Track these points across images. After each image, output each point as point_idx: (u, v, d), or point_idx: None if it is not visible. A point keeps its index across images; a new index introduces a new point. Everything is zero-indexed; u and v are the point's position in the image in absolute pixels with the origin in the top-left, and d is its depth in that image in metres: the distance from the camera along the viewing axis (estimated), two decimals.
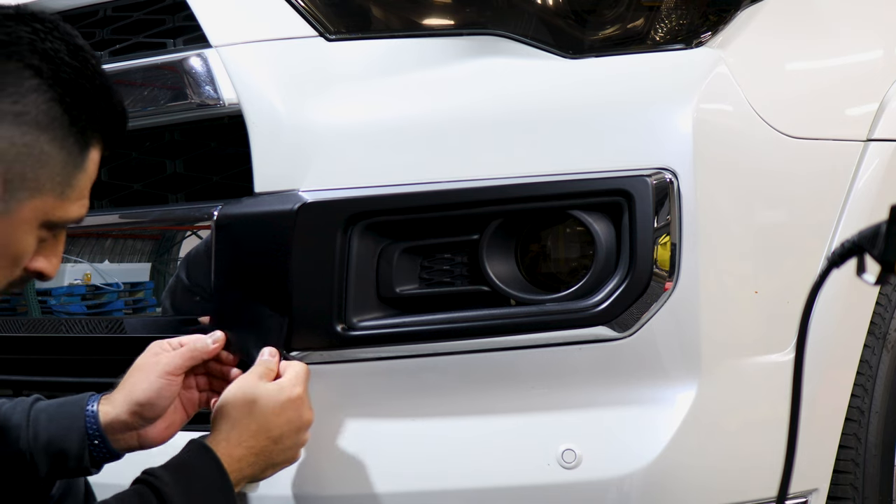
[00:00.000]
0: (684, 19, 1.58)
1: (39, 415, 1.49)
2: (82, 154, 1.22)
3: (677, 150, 1.45)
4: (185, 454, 1.37)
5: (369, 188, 1.48)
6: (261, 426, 1.39)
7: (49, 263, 1.24)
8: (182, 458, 1.36)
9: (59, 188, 1.19)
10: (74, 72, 1.19)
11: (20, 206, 1.16)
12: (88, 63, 1.21)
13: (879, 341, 1.72)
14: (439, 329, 1.48)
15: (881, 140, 1.70)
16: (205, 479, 1.34)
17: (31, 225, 1.19)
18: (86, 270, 1.73)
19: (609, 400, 1.48)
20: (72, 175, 1.21)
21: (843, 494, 1.67)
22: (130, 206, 1.73)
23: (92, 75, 1.21)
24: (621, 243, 1.46)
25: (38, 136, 1.16)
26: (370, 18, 1.63)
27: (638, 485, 1.45)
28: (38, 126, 1.16)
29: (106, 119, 1.24)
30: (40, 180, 1.17)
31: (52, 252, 1.24)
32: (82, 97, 1.20)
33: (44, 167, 1.17)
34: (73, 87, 1.19)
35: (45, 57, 1.17)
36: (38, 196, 1.17)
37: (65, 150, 1.19)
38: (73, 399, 1.51)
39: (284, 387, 1.42)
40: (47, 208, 1.19)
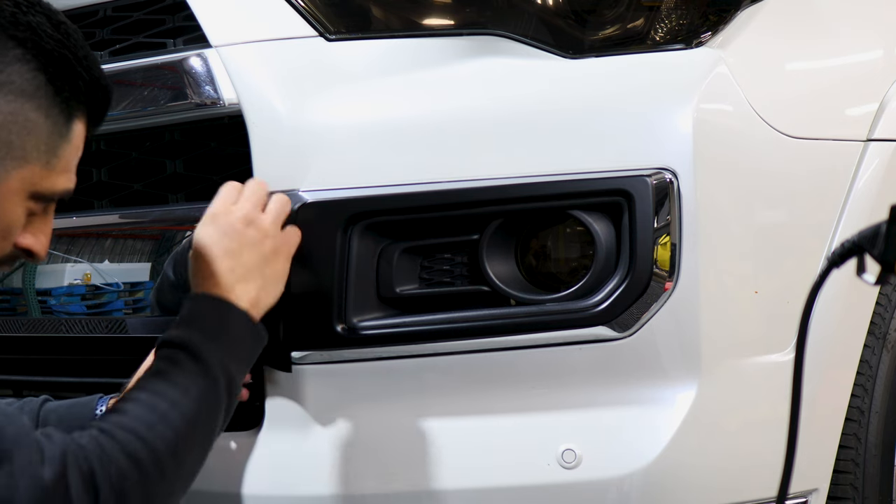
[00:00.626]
0: (684, 19, 1.58)
1: (49, 416, 1.49)
2: (67, 125, 1.22)
3: (677, 149, 1.45)
4: (186, 308, 1.36)
5: (369, 188, 1.48)
6: (210, 255, 1.38)
7: (38, 241, 1.24)
8: (187, 311, 1.36)
9: (45, 157, 1.20)
10: (57, 43, 1.19)
11: (7, 176, 1.17)
12: (70, 36, 1.22)
13: (879, 341, 1.72)
14: (439, 329, 1.48)
15: (881, 140, 1.70)
16: (222, 320, 1.34)
17: (20, 196, 1.19)
18: (86, 270, 1.73)
19: (609, 400, 1.48)
20: (58, 145, 1.22)
21: (843, 494, 1.68)
22: (130, 206, 1.73)
23: (74, 47, 1.22)
24: (621, 243, 1.46)
25: (22, 104, 1.17)
26: (370, 18, 1.63)
27: (638, 485, 1.45)
28: (23, 94, 1.17)
29: (89, 91, 1.24)
30: (26, 149, 1.18)
31: (41, 229, 1.24)
32: (65, 68, 1.20)
33: (30, 135, 1.18)
34: (57, 57, 1.19)
35: (28, 28, 1.18)
36: (24, 165, 1.18)
37: (50, 120, 1.20)
38: (83, 401, 1.51)
39: (204, 216, 1.42)
40: (35, 178, 1.19)
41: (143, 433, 1.21)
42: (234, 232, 1.40)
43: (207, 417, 1.29)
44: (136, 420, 1.21)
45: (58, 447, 1.14)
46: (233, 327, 1.36)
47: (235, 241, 1.40)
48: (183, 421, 1.24)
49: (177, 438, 1.23)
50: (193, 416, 1.26)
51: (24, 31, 1.17)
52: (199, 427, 1.27)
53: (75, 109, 1.23)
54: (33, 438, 1.13)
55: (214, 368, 1.30)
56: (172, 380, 1.27)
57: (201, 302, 1.37)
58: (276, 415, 1.54)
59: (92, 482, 1.14)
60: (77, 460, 1.14)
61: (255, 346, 1.40)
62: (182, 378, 1.28)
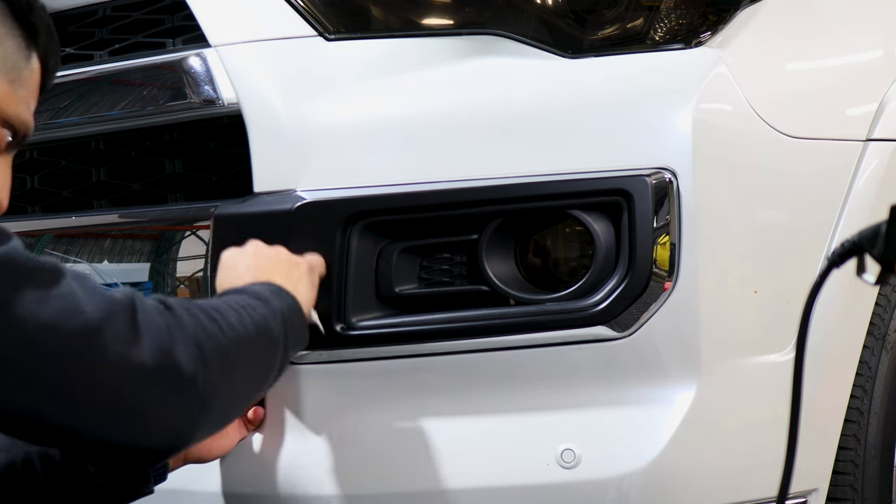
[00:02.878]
0: (684, 19, 1.58)
1: None
2: (28, 50, 1.22)
3: (677, 149, 1.45)
4: None
5: (368, 188, 1.48)
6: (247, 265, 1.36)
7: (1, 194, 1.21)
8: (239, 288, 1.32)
9: (11, 74, 1.19)
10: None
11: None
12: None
13: (879, 342, 1.72)
14: (438, 329, 1.48)
15: (881, 140, 1.70)
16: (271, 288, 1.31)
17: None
18: (85, 271, 1.73)
19: (608, 400, 1.48)
20: (21, 66, 1.20)
21: (843, 495, 1.68)
22: (130, 205, 1.73)
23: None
24: (621, 243, 1.45)
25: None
26: (369, 18, 1.63)
27: (637, 484, 1.45)
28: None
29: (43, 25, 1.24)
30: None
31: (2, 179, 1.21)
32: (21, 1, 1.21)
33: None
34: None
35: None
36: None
37: (14, 37, 1.19)
38: None
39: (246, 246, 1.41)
40: (2, 94, 1.17)
41: (221, 311, 1.17)
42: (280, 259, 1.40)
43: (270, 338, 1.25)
44: (213, 305, 1.18)
45: (128, 291, 1.10)
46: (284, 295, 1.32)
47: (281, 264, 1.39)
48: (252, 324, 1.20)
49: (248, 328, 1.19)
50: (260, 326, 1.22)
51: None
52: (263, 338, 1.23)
53: (31, 41, 1.22)
54: None
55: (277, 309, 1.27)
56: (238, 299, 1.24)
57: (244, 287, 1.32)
58: (276, 414, 1.54)
59: (168, 315, 1.09)
60: (153, 300, 1.10)
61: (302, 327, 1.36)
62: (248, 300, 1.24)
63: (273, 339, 1.25)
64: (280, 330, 1.27)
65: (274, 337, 1.25)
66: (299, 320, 1.34)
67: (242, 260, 1.39)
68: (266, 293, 1.28)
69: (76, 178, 1.79)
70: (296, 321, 1.32)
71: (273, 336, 1.25)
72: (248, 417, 1.55)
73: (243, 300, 1.24)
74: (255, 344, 1.21)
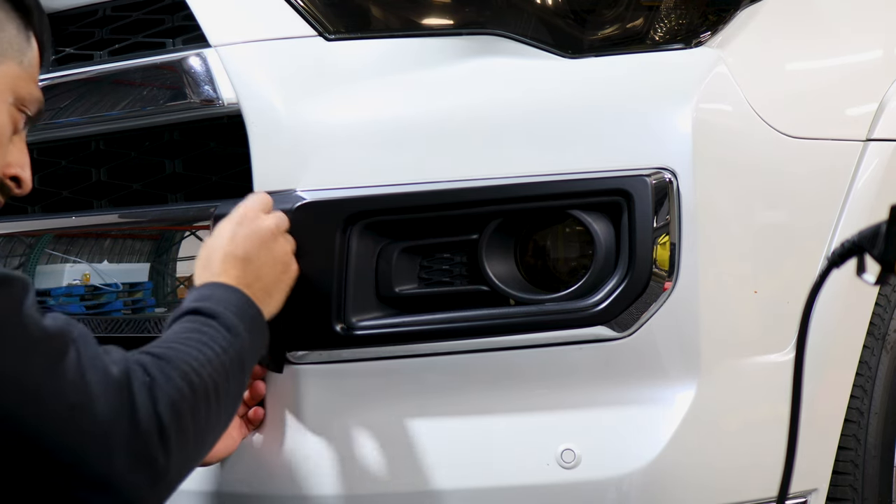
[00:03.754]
0: (684, 19, 1.58)
1: None
2: (27, 31, 1.27)
3: (677, 149, 1.45)
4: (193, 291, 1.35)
5: (368, 188, 1.48)
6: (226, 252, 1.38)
7: (23, 169, 1.28)
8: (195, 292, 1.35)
9: (18, 56, 1.25)
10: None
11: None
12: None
13: (879, 342, 1.72)
14: (438, 329, 1.48)
15: (881, 140, 1.70)
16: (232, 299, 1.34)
17: (4, 97, 1.23)
18: (84, 271, 1.73)
19: (608, 400, 1.48)
20: (25, 47, 1.27)
21: (843, 495, 1.67)
22: (129, 205, 1.73)
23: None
24: (620, 243, 1.45)
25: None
26: (369, 18, 1.63)
27: (637, 484, 1.45)
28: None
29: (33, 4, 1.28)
30: (2, 45, 1.23)
31: (23, 157, 1.28)
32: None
33: (2, 32, 1.23)
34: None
35: None
36: (3, 62, 1.23)
37: (13, 21, 1.25)
38: None
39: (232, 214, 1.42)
40: (14, 77, 1.24)
41: (193, 363, 1.21)
42: (260, 240, 1.40)
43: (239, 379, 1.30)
44: (185, 353, 1.22)
45: (119, 355, 1.16)
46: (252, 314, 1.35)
47: (259, 248, 1.40)
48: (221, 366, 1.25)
49: (219, 378, 1.24)
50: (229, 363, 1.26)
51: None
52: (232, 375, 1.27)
53: (27, 21, 1.27)
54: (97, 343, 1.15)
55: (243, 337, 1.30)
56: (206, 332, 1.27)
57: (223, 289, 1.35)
58: (276, 414, 1.54)
59: (151, 392, 1.14)
60: (139, 369, 1.15)
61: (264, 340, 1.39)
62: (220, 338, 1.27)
63: (242, 378, 1.31)
64: (247, 363, 1.32)
65: (243, 376, 1.32)
66: (262, 336, 1.38)
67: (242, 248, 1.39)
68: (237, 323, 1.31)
69: (76, 178, 1.79)
70: (260, 338, 1.37)
71: (243, 376, 1.31)
72: (249, 417, 1.55)
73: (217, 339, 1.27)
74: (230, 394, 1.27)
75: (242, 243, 1.39)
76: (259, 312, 1.36)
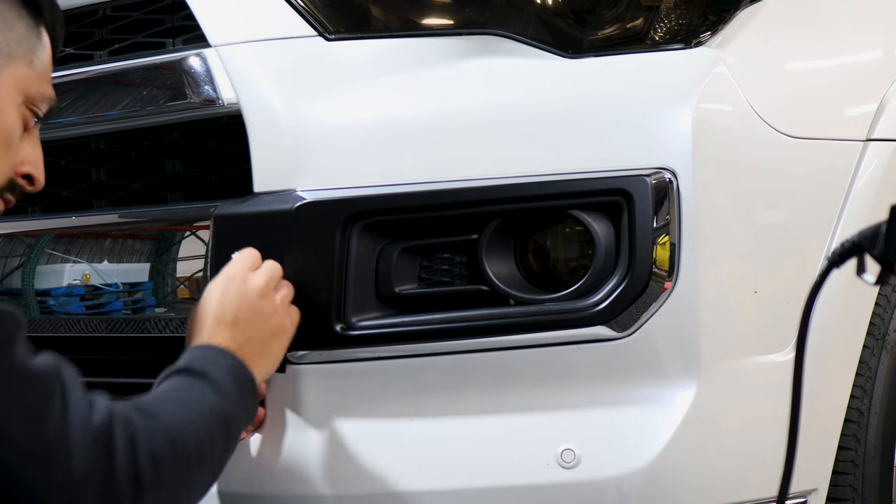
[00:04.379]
0: (684, 19, 1.58)
1: None
2: (38, 28, 1.27)
3: (677, 149, 1.45)
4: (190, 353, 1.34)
5: (368, 188, 1.48)
6: (216, 317, 1.37)
7: (36, 168, 1.27)
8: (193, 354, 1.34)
9: (28, 55, 1.24)
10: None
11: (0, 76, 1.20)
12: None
13: (879, 342, 1.72)
14: (438, 329, 1.48)
15: (881, 140, 1.70)
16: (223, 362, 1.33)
17: (13, 98, 1.22)
18: (85, 271, 1.73)
19: (608, 400, 1.48)
20: (35, 45, 1.26)
21: (843, 495, 1.67)
22: (129, 205, 1.73)
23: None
24: (620, 243, 1.45)
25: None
26: (369, 18, 1.63)
27: (637, 484, 1.45)
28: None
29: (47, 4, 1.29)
30: (10, 45, 1.22)
31: (35, 154, 1.28)
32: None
33: (11, 31, 1.22)
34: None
35: None
36: (12, 63, 1.22)
37: (23, 19, 1.24)
38: None
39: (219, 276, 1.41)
40: (24, 77, 1.23)
41: (178, 421, 1.20)
42: (248, 302, 1.39)
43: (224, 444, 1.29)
44: (171, 411, 1.21)
45: (104, 405, 1.14)
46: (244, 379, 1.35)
47: (248, 311, 1.39)
48: (206, 427, 1.24)
49: (203, 440, 1.23)
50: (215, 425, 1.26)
51: None
52: (217, 438, 1.27)
53: (38, 17, 1.27)
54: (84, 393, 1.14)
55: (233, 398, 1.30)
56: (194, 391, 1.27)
57: (214, 351, 1.35)
58: (276, 415, 1.54)
59: (133, 445, 1.13)
60: (122, 421, 1.14)
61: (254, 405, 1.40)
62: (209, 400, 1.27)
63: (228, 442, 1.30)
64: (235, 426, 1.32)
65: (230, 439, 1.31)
66: (253, 402, 1.38)
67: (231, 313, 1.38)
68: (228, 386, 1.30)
69: (76, 178, 1.79)
70: (250, 403, 1.37)
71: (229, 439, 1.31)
72: None
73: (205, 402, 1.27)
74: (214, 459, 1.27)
75: (231, 307, 1.38)
76: (250, 376, 1.36)
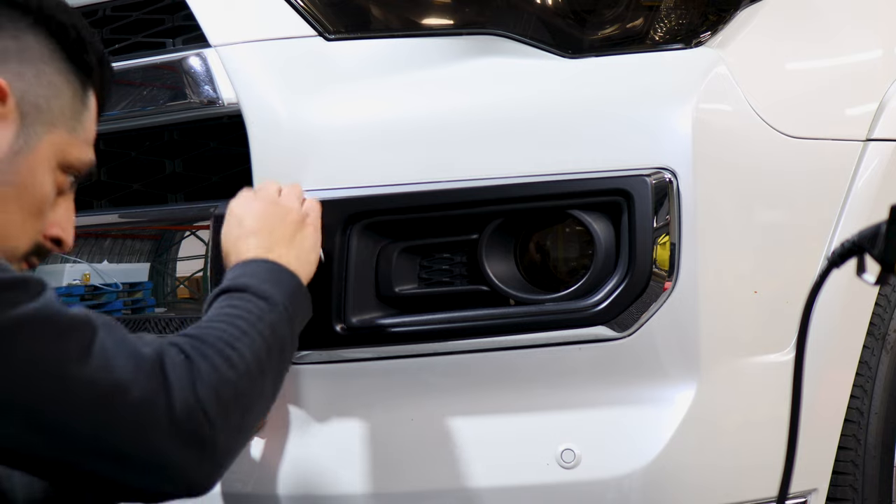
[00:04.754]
0: (684, 19, 1.58)
1: None
2: (84, 91, 1.25)
3: (676, 149, 1.45)
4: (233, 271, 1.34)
5: (368, 188, 1.48)
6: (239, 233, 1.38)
7: (65, 230, 1.25)
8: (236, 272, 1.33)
9: (70, 123, 1.23)
10: (63, 13, 1.23)
11: (38, 142, 1.19)
12: (70, 8, 1.25)
13: (879, 342, 1.72)
14: (438, 329, 1.48)
15: (881, 140, 1.70)
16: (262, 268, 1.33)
17: (50, 164, 1.21)
18: (84, 271, 1.73)
19: (608, 400, 1.48)
20: (79, 111, 1.24)
21: (843, 495, 1.67)
22: (129, 205, 1.73)
23: (79, 18, 1.25)
24: (620, 243, 1.45)
25: (43, 67, 1.20)
26: (369, 18, 1.63)
27: (637, 484, 1.45)
28: (42, 59, 1.20)
29: (97, 62, 1.27)
30: (53, 112, 1.21)
31: (66, 217, 1.26)
32: (74, 37, 1.23)
33: (55, 98, 1.21)
34: (66, 27, 1.23)
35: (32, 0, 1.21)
36: (53, 130, 1.20)
37: (70, 84, 1.23)
38: None
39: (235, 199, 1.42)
40: (63, 144, 1.22)
41: (229, 336, 1.20)
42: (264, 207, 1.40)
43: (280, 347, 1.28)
44: (220, 329, 1.21)
45: (151, 338, 1.14)
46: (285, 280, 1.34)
47: (266, 216, 1.39)
48: (259, 336, 1.23)
49: (258, 347, 1.22)
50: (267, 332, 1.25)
51: (29, 3, 1.20)
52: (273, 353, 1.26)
53: (87, 79, 1.26)
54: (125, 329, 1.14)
55: (279, 305, 1.29)
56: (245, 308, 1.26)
57: (248, 264, 1.34)
58: (276, 415, 1.54)
59: (188, 368, 1.13)
60: (173, 348, 1.14)
61: (305, 304, 1.38)
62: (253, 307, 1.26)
63: (284, 346, 1.29)
64: (288, 331, 1.30)
65: (285, 344, 1.29)
66: (303, 301, 1.36)
67: (249, 222, 1.39)
68: (270, 290, 1.29)
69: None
70: (300, 303, 1.35)
71: (284, 344, 1.29)
72: None
73: (251, 310, 1.26)
74: (272, 365, 1.25)
75: (250, 218, 1.39)
76: (290, 274, 1.35)
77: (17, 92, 1.17)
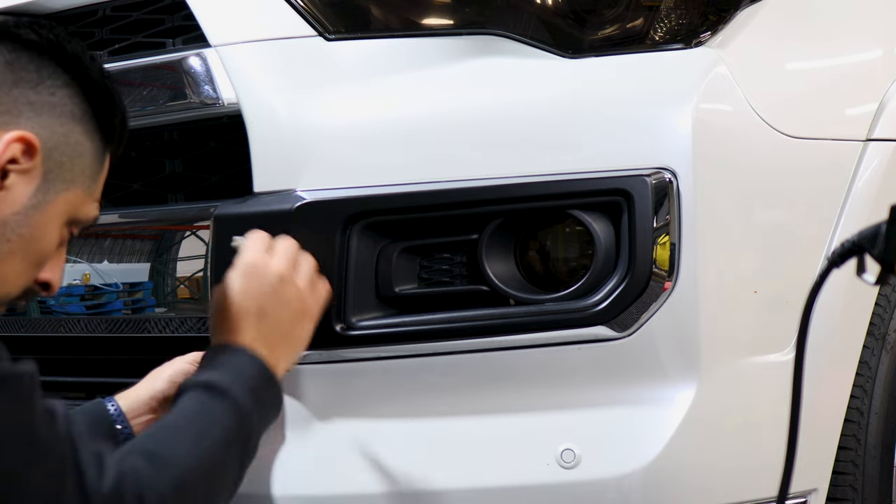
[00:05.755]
0: (684, 19, 1.58)
1: None
2: (104, 152, 1.27)
3: (677, 149, 1.45)
4: (208, 357, 1.34)
5: (368, 188, 1.48)
6: (239, 310, 1.36)
7: (54, 275, 1.26)
8: (209, 358, 1.33)
9: (87, 182, 1.24)
10: (99, 75, 1.25)
11: (56, 198, 1.20)
12: (103, 70, 1.27)
13: (879, 342, 1.72)
14: (438, 329, 1.48)
15: (881, 140, 1.70)
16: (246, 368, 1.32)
17: (60, 220, 1.22)
18: (85, 271, 1.73)
19: (608, 400, 1.48)
20: (98, 171, 1.26)
21: (843, 495, 1.67)
22: (129, 205, 1.73)
23: (112, 81, 1.27)
24: (620, 243, 1.46)
25: (73, 126, 1.21)
26: (369, 18, 1.63)
27: (637, 484, 1.45)
28: (73, 118, 1.21)
29: (121, 126, 1.28)
30: (75, 171, 1.22)
31: (58, 263, 1.26)
32: (107, 100, 1.25)
33: (79, 158, 1.22)
34: (101, 89, 1.24)
35: (73, 58, 1.22)
36: (71, 189, 1.21)
37: (94, 145, 1.24)
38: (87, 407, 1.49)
39: (238, 265, 1.39)
40: (77, 202, 1.23)
41: (190, 463, 1.19)
42: (272, 290, 1.38)
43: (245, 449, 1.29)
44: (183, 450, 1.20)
45: (112, 462, 1.12)
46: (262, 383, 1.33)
47: (271, 299, 1.37)
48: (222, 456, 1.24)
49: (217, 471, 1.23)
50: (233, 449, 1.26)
51: (70, 60, 1.22)
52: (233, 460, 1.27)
53: (109, 141, 1.27)
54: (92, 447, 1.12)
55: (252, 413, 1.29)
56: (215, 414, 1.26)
57: (232, 354, 1.34)
58: None
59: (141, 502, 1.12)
60: (131, 478, 1.12)
61: (276, 410, 1.39)
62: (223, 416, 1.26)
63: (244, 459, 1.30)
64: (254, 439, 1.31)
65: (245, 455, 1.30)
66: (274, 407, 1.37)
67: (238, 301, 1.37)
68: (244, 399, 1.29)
69: None
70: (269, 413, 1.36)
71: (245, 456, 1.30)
72: None
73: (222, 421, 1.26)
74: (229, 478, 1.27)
75: (254, 299, 1.37)
76: (273, 379, 1.35)
77: (45, 149, 1.18)
